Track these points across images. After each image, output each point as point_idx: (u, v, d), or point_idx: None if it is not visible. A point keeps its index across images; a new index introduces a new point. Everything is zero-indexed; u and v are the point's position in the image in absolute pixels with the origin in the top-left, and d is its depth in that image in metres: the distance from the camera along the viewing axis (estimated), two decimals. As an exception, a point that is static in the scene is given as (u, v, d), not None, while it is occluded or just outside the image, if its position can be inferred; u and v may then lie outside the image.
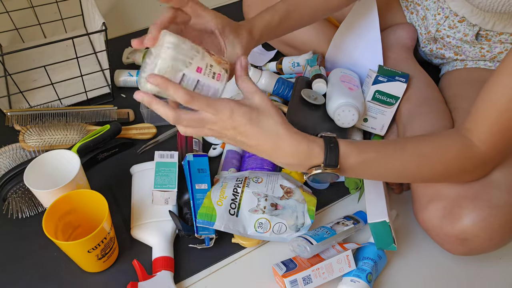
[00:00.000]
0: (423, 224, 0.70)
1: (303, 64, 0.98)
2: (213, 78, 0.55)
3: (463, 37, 0.85)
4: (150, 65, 0.54)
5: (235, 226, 0.72)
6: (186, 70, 0.53)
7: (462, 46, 0.88)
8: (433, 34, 0.90)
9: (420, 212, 0.70)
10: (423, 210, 0.69)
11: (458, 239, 0.65)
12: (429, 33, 0.91)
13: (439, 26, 0.88)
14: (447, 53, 0.93)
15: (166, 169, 0.77)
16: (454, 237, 0.65)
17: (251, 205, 0.73)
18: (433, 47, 0.95)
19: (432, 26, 0.90)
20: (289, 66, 1.00)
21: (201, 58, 0.54)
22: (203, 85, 0.55)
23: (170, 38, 0.53)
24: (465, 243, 0.65)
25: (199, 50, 0.54)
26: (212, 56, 0.55)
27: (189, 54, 0.53)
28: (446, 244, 0.68)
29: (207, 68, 0.54)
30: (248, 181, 0.76)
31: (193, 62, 0.53)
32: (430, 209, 0.68)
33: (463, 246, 0.66)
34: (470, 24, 0.83)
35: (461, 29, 0.85)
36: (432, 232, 0.69)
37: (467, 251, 0.67)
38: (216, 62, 0.55)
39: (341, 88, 0.85)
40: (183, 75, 0.53)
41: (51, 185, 0.69)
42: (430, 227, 0.68)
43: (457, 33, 0.86)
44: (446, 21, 0.86)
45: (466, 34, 0.85)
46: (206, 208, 0.71)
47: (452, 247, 0.68)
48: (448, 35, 0.88)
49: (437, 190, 0.68)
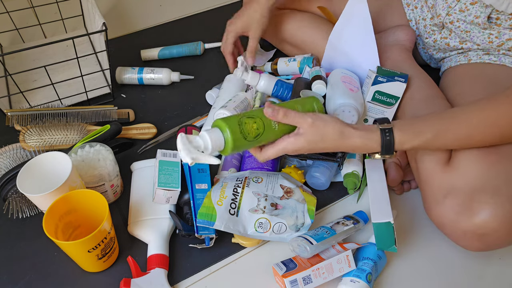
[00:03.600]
0: (438, 220, 0.69)
1: (299, 60, 0.98)
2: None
3: (474, 19, 0.84)
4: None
5: (235, 226, 0.72)
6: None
7: (470, 31, 0.86)
8: (443, 18, 0.89)
9: (434, 207, 0.69)
10: (438, 205, 0.69)
11: (476, 235, 0.65)
12: (439, 16, 0.90)
13: (450, 9, 0.87)
14: (452, 41, 0.91)
15: (170, 168, 0.77)
16: (471, 232, 0.65)
17: (251, 205, 0.73)
18: (437, 37, 0.94)
19: (442, 10, 0.89)
20: (285, 61, 1.01)
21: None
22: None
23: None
24: (482, 239, 0.65)
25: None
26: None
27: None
28: (462, 240, 0.67)
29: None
30: (248, 181, 0.76)
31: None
32: (446, 204, 0.67)
33: (480, 242, 0.66)
34: (483, 6, 0.81)
35: (473, 11, 0.84)
36: (447, 227, 0.68)
37: (484, 246, 0.66)
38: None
39: (341, 88, 0.85)
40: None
41: (45, 188, 0.68)
42: (446, 223, 0.68)
43: (468, 16, 0.84)
44: (457, 4, 0.85)
45: (477, 16, 0.83)
46: (206, 208, 0.72)
47: (468, 243, 0.67)
48: (458, 18, 0.86)
49: (453, 185, 0.68)
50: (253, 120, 0.63)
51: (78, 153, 0.77)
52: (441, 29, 0.93)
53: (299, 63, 0.98)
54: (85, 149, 0.78)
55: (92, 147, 0.78)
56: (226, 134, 0.61)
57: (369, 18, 0.87)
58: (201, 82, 1.06)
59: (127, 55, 1.13)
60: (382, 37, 0.99)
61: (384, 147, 0.65)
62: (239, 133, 0.62)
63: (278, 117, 0.63)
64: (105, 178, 0.76)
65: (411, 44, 0.97)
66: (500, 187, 0.64)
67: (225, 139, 0.62)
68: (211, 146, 0.60)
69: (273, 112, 0.63)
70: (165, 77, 1.04)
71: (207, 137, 0.60)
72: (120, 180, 0.82)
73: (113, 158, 0.78)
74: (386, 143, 0.65)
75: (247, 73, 0.90)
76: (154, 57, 1.12)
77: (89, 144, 0.79)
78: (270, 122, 0.65)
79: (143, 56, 1.12)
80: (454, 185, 0.67)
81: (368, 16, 0.87)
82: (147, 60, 1.12)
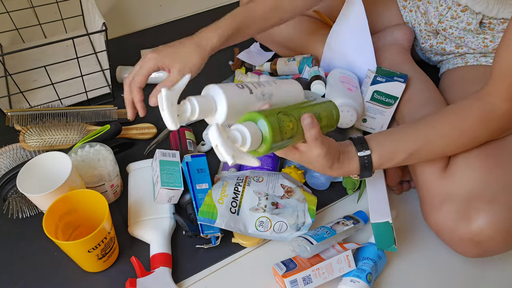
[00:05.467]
0: (435, 227, 0.69)
1: (299, 60, 0.98)
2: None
3: (467, 26, 0.84)
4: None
5: (236, 224, 0.72)
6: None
7: (464, 37, 0.87)
8: (435, 26, 0.89)
9: (432, 214, 0.69)
10: (436, 212, 0.68)
11: (473, 242, 0.65)
12: (431, 25, 0.90)
13: (441, 17, 0.87)
14: (447, 46, 0.92)
15: (171, 168, 0.77)
16: (468, 239, 0.65)
17: (252, 203, 0.73)
18: (433, 42, 0.94)
19: (434, 17, 0.89)
20: (284, 61, 1.01)
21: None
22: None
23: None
24: (479, 245, 0.65)
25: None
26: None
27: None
28: (459, 247, 0.67)
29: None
30: (249, 180, 0.76)
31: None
32: (443, 211, 0.67)
33: (477, 248, 0.66)
34: (473, 13, 0.82)
35: (464, 18, 0.84)
36: (444, 234, 0.68)
37: (481, 253, 0.66)
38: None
39: (340, 88, 0.85)
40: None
41: (45, 188, 0.68)
42: (443, 230, 0.68)
43: (460, 23, 0.85)
44: (448, 12, 0.86)
45: (469, 23, 0.84)
46: (208, 206, 0.72)
47: (465, 250, 0.67)
48: (451, 25, 0.87)
49: (450, 191, 0.68)
50: (289, 119, 0.55)
51: (78, 153, 0.77)
52: (436, 35, 0.93)
53: (298, 63, 0.98)
54: (85, 149, 0.78)
55: (92, 147, 0.78)
56: (265, 130, 0.52)
57: (365, 19, 0.87)
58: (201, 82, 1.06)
59: (127, 55, 1.13)
60: (380, 37, 0.99)
61: (363, 173, 0.66)
62: (278, 131, 0.53)
63: (311, 132, 0.57)
64: (105, 178, 0.76)
65: (409, 43, 0.97)
66: (497, 194, 0.64)
67: (263, 136, 0.52)
68: (249, 142, 0.50)
69: (311, 125, 0.57)
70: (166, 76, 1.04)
71: (246, 131, 0.50)
72: (120, 180, 0.82)
73: (113, 158, 0.78)
74: (365, 169, 0.65)
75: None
76: None
77: (89, 144, 0.79)
78: (300, 124, 0.58)
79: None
80: (451, 191, 0.67)
81: (364, 17, 0.87)
82: None
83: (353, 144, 0.66)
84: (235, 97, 0.57)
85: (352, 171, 0.66)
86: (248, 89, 0.59)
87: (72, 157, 0.76)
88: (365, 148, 0.65)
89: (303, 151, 0.61)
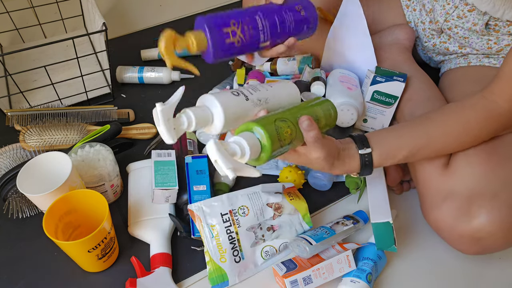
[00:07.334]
0: (435, 224, 0.69)
1: (299, 59, 0.98)
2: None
3: (472, 26, 0.84)
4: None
5: (247, 268, 0.72)
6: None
7: (469, 37, 0.87)
8: (441, 24, 0.89)
9: (432, 211, 0.69)
10: (436, 209, 0.68)
11: (473, 239, 0.65)
12: (437, 23, 0.90)
13: (447, 16, 0.87)
14: (451, 46, 0.92)
15: (165, 168, 0.77)
16: (469, 236, 0.65)
17: (250, 240, 0.72)
18: (436, 41, 0.94)
19: (440, 16, 0.89)
20: (284, 60, 1.00)
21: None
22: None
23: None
24: (479, 242, 0.65)
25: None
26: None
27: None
28: (459, 244, 0.68)
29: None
30: (235, 218, 0.72)
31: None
32: (444, 208, 0.67)
33: (477, 245, 0.66)
34: (480, 13, 0.82)
35: (470, 18, 0.84)
36: (444, 231, 0.68)
37: (480, 250, 0.66)
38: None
39: (339, 88, 0.85)
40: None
41: (45, 188, 0.68)
42: (443, 227, 0.68)
43: (466, 23, 0.85)
44: (455, 11, 0.85)
45: (475, 24, 0.83)
46: (214, 271, 0.70)
47: (465, 247, 0.67)
48: (456, 25, 0.87)
49: (451, 189, 0.68)
50: (286, 125, 0.55)
51: (78, 153, 0.77)
52: (440, 34, 0.93)
53: (298, 62, 0.98)
54: (85, 149, 0.78)
55: (92, 147, 0.78)
56: (263, 139, 0.52)
57: (363, 18, 0.86)
58: (201, 82, 1.06)
59: (127, 55, 1.13)
60: (381, 37, 0.99)
61: (363, 172, 0.66)
62: (277, 139, 0.53)
63: (310, 134, 0.57)
64: (105, 178, 0.76)
65: (410, 43, 0.97)
66: (498, 191, 0.64)
67: (262, 145, 0.52)
68: (248, 154, 0.51)
69: (309, 127, 0.57)
70: (166, 76, 1.04)
71: (244, 143, 0.51)
72: (120, 180, 0.82)
73: (113, 158, 0.78)
74: (365, 167, 0.66)
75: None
76: (154, 57, 1.12)
77: (89, 144, 0.79)
78: (298, 127, 0.58)
79: (143, 56, 1.12)
80: (452, 189, 0.67)
81: (362, 16, 0.86)
82: (147, 60, 1.12)
83: (354, 142, 0.66)
84: (231, 105, 0.56)
85: (352, 169, 0.66)
86: (244, 96, 0.58)
87: (72, 157, 0.76)
88: (366, 146, 0.65)
89: (302, 153, 0.61)
